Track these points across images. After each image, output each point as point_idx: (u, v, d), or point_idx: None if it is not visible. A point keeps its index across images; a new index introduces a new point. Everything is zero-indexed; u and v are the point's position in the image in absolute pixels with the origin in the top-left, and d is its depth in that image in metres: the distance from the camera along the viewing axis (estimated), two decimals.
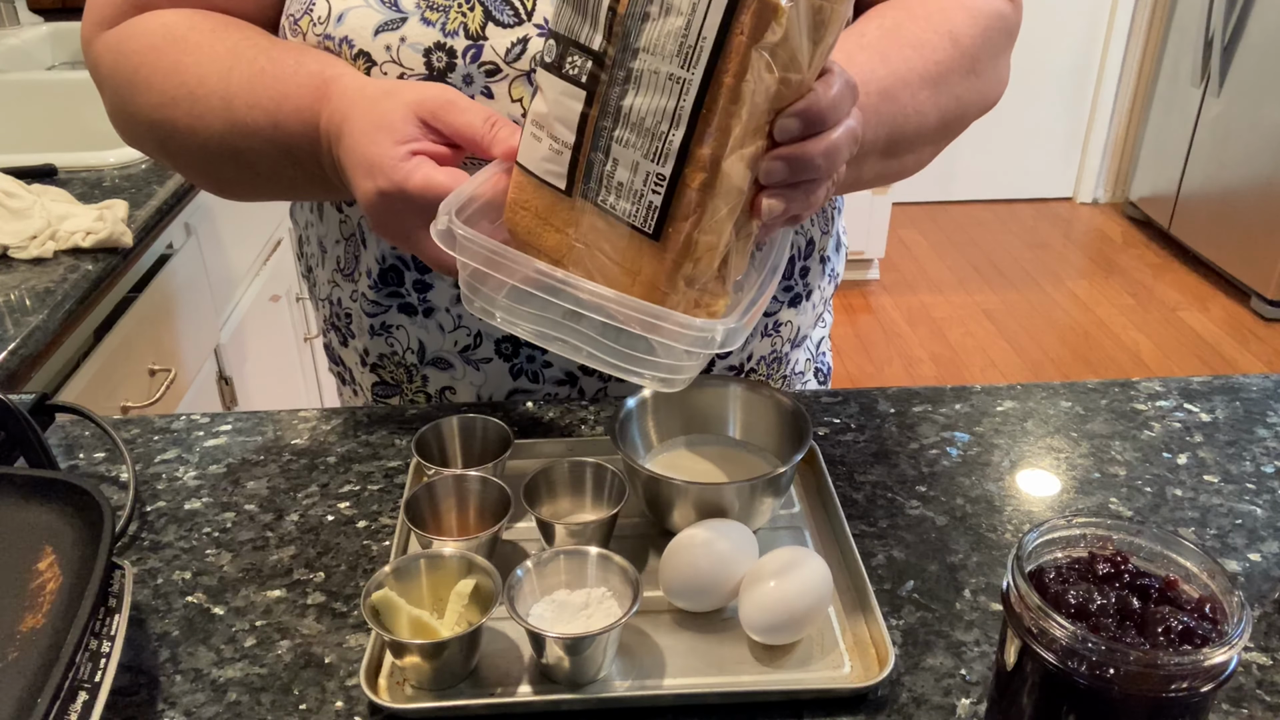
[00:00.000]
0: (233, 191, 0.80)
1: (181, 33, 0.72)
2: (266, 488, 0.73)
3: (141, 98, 0.73)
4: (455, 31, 0.67)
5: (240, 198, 0.81)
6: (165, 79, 0.71)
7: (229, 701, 0.56)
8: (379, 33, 0.67)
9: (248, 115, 0.69)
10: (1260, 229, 3.20)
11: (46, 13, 2.08)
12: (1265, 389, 0.85)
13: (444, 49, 0.67)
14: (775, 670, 0.57)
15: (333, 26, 0.69)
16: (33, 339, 1.03)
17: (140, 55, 0.73)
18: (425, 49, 0.67)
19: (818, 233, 0.85)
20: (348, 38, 0.68)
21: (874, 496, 0.72)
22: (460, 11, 0.67)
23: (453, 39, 0.67)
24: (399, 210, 0.62)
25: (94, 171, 1.41)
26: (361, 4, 0.68)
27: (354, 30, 0.68)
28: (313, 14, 0.70)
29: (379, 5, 0.68)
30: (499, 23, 0.68)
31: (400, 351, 0.82)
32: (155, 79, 0.72)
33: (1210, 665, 0.43)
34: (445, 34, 0.67)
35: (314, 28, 0.70)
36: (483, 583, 0.58)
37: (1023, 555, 0.48)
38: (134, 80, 0.73)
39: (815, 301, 0.88)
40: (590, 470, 0.67)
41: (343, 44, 0.68)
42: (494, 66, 0.68)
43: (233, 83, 0.69)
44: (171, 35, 0.72)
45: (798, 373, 0.92)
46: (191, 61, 0.71)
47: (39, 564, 0.54)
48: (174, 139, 0.73)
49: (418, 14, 0.67)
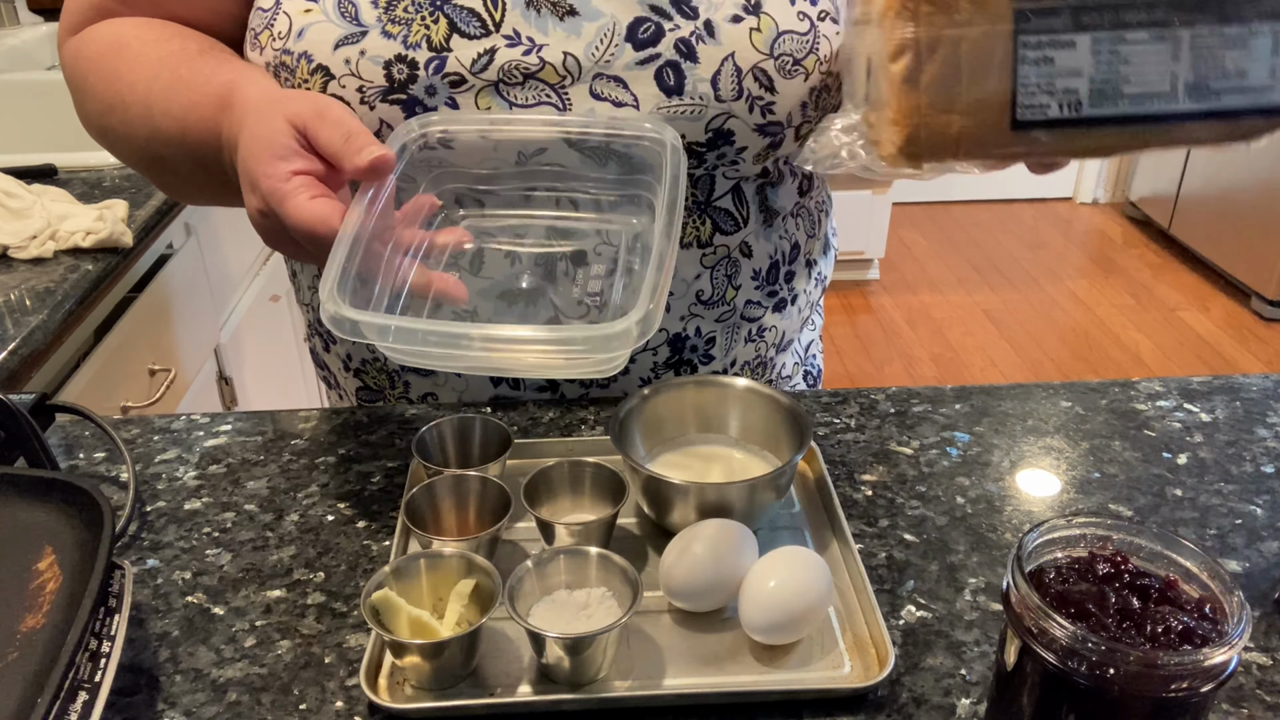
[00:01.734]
0: (172, 193, 0.84)
1: (125, 42, 0.74)
2: (266, 488, 0.73)
3: (89, 104, 0.76)
4: (418, 44, 0.67)
5: (180, 199, 0.86)
6: (105, 86, 0.74)
7: (229, 701, 0.56)
8: (339, 47, 0.67)
9: (163, 122, 0.70)
10: (1260, 229, 3.20)
11: (46, 13, 2.08)
12: (1265, 389, 0.85)
13: (405, 61, 0.67)
14: (775, 670, 0.57)
15: (292, 41, 0.68)
16: (33, 339, 1.03)
17: (89, 63, 0.76)
18: (385, 61, 0.67)
19: (803, 236, 0.84)
20: (307, 53, 0.68)
21: (874, 496, 0.72)
22: (423, 24, 0.67)
23: (415, 51, 0.67)
24: (278, 229, 0.60)
25: (94, 171, 1.41)
26: (321, 19, 0.67)
27: (313, 45, 0.67)
28: (273, 29, 0.70)
29: (340, 19, 0.67)
30: (464, 34, 0.67)
31: (382, 358, 0.82)
32: (99, 86, 0.75)
33: (1210, 665, 0.43)
34: (407, 46, 0.67)
35: (273, 43, 0.69)
36: (483, 583, 0.58)
37: (1023, 555, 0.48)
38: (84, 87, 0.76)
39: (801, 305, 0.87)
40: (590, 470, 0.67)
41: (301, 59, 0.68)
42: (459, 77, 0.67)
43: (154, 90, 0.71)
44: (117, 44, 0.74)
45: (784, 376, 0.92)
46: (126, 69, 0.73)
47: (39, 564, 0.54)
48: (116, 145, 0.77)
49: (379, 27, 0.67)
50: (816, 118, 0.73)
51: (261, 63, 0.71)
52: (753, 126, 0.70)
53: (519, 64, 0.68)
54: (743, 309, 0.81)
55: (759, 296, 0.82)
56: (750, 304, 0.81)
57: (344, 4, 0.67)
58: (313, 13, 0.68)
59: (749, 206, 0.77)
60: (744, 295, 0.81)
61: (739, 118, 0.69)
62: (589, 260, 0.72)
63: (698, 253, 0.77)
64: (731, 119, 0.69)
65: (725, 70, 0.68)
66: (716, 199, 0.75)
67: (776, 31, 0.69)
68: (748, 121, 0.70)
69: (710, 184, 0.75)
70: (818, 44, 0.70)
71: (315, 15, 0.68)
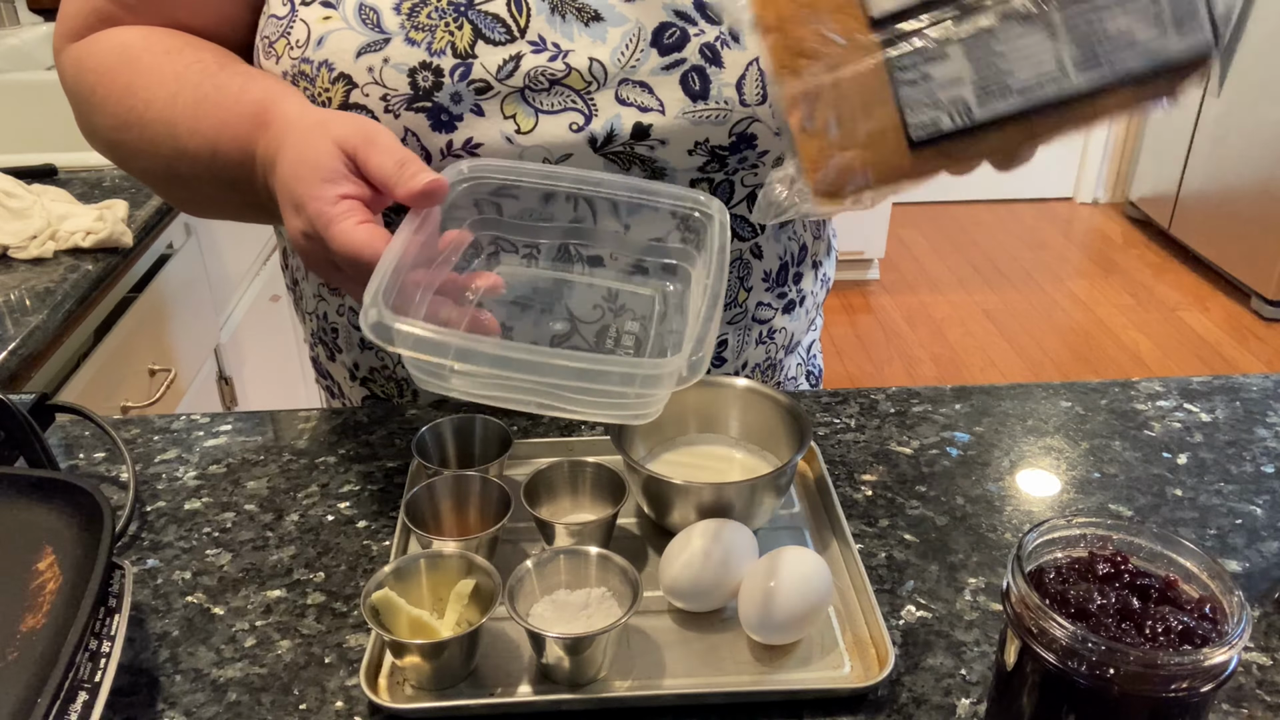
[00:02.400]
0: (190, 210, 0.82)
1: (135, 54, 0.72)
2: (266, 488, 0.73)
3: (98, 118, 0.75)
4: (442, 50, 0.66)
5: (198, 215, 0.83)
6: (118, 102, 0.72)
7: (229, 701, 0.56)
8: (361, 54, 0.66)
9: (190, 142, 0.69)
10: (1260, 229, 3.20)
11: (46, 13, 2.08)
12: (1265, 389, 0.85)
13: (430, 68, 0.66)
14: (775, 670, 0.57)
15: (312, 50, 0.67)
16: (33, 339, 1.03)
17: (97, 75, 0.74)
18: (410, 69, 0.66)
19: (810, 237, 0.85)
20: (328, 61, 0.67)
21: (874, 496, 0.72)
22: (447, 30, 0.66)
23: (439, 58, 0.66)
24: (321, 253, 0.60)
25: (94, 171, 1.41)
26: (342, 26, 0.66)
27: (334, 53, 0.66)
28: (290, 37, 0.69)
29: (361, 27, 0.66)
30: (489, 40, 0.66)
31: (391, 365, 0.82)
32: (109, 101, 0.73)
33: (1210, 665, 0.43)
34: (431, 53, 0.66)
35: (291, 51, 0.68)
36: (483, 583, 0.58)
37: (1023, 555, 0.48)
38: (91, 100, 0.74)
39: (809, 307, 0.88)
40: (590, 470, 0.67)
41: (321, 67, 0.67)
42: (484, 84, 0.67)
43: (177, 108, 0.69)
44: (126, 56, 0.73)
45: (790, 378, 0.92)
46: (141, 84, 0.71)
47: (39, 564, 0.54)
48: (129, 161, 0.76)
49: (402, 34, 0.66)
50: None
51: (278, 71, 0.69)
52: (775, 130, 0.71)
53: (545, 70, 0.67)
54: (754, 311, 0.82)
55: (769, 298, 0.82)
56: (761, 305, 0.82)
57: (365, 11, 0.66)
58: (332, 20, 0.67)
59: None
60: (755, 297, 0.81)
61: (763, 122, 0.70)
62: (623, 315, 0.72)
63: None
64: (755, 123, 0.70)
65: (750, 75, 0.68)
66: (733, 206, 0.76)
67: None
68: (771, 125, 0.70)
69: (730, 190, 0.75)
70: None
71: (335, 23, 0.67)
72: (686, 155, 0.70)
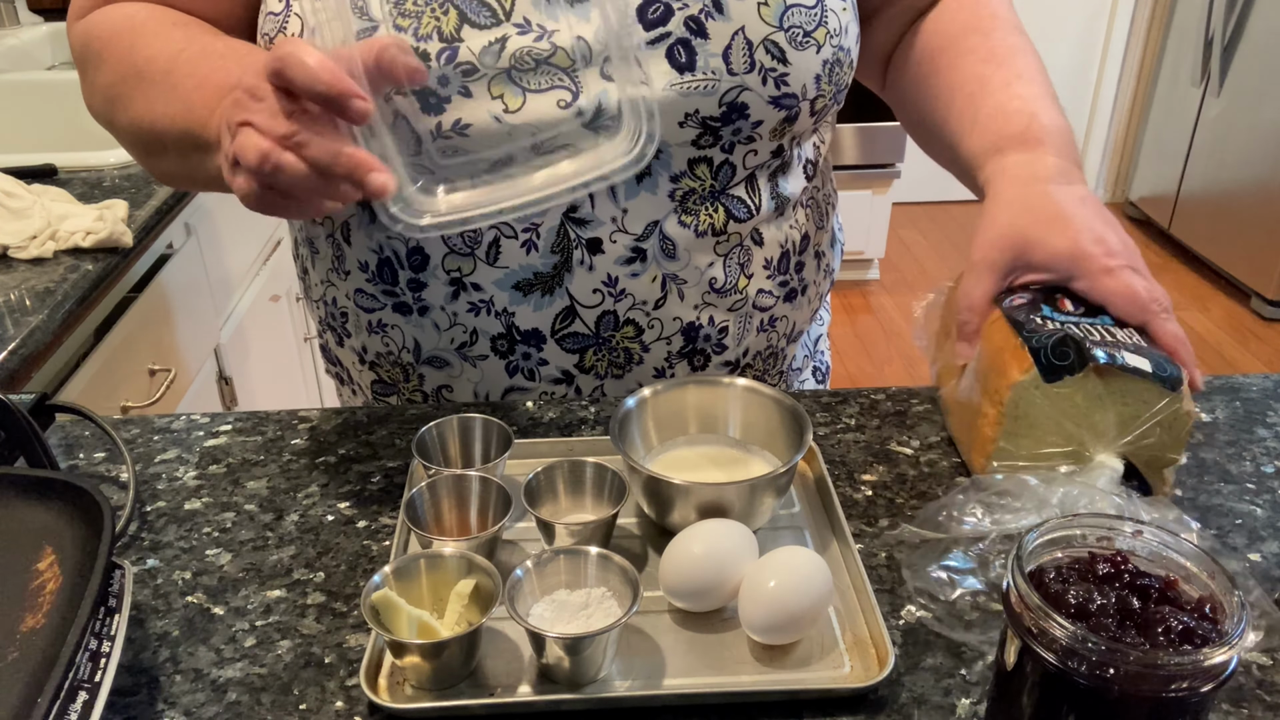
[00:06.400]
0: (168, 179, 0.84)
1: (141, 20, 0.77)
2: (266, 488, 0.73)
3: (100, 77, 0.78)
4: (429, 35, 0.68)
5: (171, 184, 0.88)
6: (120, 59, 0.76)
7: (229, 701, 0.56)
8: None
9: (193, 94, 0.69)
10: (1260, 229, 3.20)
11: (46, 13, 2.08)
12: (1265, 389, 0.85)
13: (417, 53, 0.67)
14: (775, 670, 0.57)
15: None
16: (33, 339, 1.03)
17: (101, 40, 0.78)
18: None
19: (813, 228, 0.86)
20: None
21: (874, 496, 0.72)
22: (433, 16, 0.68)
23: (426, 43, 0.68)
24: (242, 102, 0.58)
25: (94, 171, 1.41)
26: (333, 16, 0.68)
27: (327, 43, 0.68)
28: (287, 32, 0.72)
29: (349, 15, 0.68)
30: (474, 24, 0.68)
31: (396, 350, 0.82)
32: (112, 59, 0.76)
33: (1210, 665, 0.43)
34: (418, 39, 0.68)
35: None
36: (483, 583, 0.58)
37: (1023, 555, 0.48)
38: (95, 63, 0.78)
39: (811, 297, 0.88)
40: (590, 470, 0.67)
41: None
42: (470, 66, 0.68)
43: (180, 61, 0.71)
44: (132, 23, 0.77)
45: (795, 369, 0.92)
46: (143, 44, 0.74)
47: (39, 564, 0.54)
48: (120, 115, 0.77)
49: (389, 21, 0.68)
50: (830, 91, 0.75)
51: None
52: (767, 99, 0.72)
53: (531, 50, 0.68)
54: (755, 298, 0.82)
55: (770, 286, 0.83)
56: (762, 293, 0.82)
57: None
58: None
59: (760, 194, 0.79)
60: (756, 284, 0.81)
61: (753, 90, 0.71)
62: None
63: (711, 240, 0.77)
64: (745, 92, 0.71)
65: (736, 44, 0.69)
66: (731, 187, 0.76)
67: (784, 5, 0.70)
68: (761, 94, 0.71)
69: (730, 172, 0.76)
70: (826, 18, 0.72)
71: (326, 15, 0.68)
72: (678, 128, 0.72)
